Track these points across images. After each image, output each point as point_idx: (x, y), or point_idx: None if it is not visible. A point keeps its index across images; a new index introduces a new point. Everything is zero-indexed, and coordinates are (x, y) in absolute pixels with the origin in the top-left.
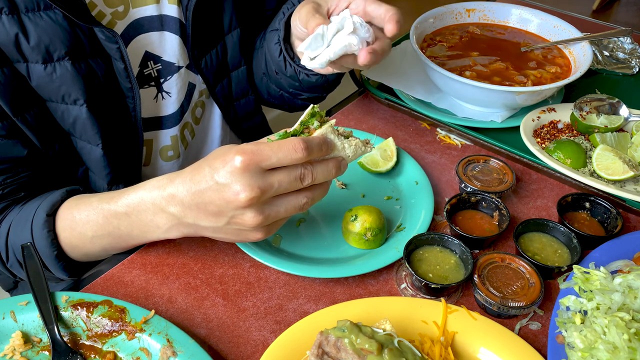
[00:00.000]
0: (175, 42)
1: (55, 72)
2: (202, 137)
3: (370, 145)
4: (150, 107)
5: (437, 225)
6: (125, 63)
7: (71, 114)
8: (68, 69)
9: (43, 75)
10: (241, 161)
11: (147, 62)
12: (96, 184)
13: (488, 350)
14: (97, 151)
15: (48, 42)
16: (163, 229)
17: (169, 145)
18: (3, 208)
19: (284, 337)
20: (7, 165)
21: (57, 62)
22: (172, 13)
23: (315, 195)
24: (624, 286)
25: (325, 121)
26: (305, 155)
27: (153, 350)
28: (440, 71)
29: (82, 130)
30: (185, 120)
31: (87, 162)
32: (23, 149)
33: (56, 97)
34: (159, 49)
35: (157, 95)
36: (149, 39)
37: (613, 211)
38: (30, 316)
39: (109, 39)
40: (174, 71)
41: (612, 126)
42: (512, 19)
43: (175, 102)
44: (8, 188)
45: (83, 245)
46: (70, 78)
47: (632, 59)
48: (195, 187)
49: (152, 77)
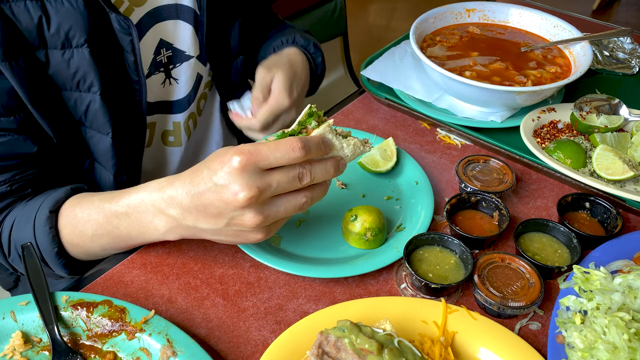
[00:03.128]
0: (188, 32)
1: (72, 58)
2: (203, 129)
3: (369, 144)
4: (158, 92)
5: (437, 225)
6: (135, 56)
7: (84, 102)
8: (85, 56)
9: (60, 61)
10: (239, 161)
11: (161, 49)
12: (101, 176)
13: (488, 350)
14: (106, 140)
15: (68, 29)
16: (161, 231)
17: (171, 131)
18: (9, 204)
19: (284, 337)
20: (16, 162)
21: (76, 48)
22: (187, 3)
23: (315, 194)
24: (624, 286)
25: (323, 121)
26: (303, 154)
27: (153, 350)
28: (440, 71)
29: (93, 119)
30: (191, 110)
31: (95, 153)
32: (33, 146)
33: (70, 85)
34: (172, 37)
35: (165, 80)
36: (165, 27)
37: (613, 211)
38: (30, 316)
39: (123, 30)
40: (184, 59)
41: (612, 126)
42: (512, 19)
43: (184, 88)
44: (16, 184)
45: (83, 244)
46: (87, 65)
47: (632, 59)
48: (194, 190)
49: (162, 64)
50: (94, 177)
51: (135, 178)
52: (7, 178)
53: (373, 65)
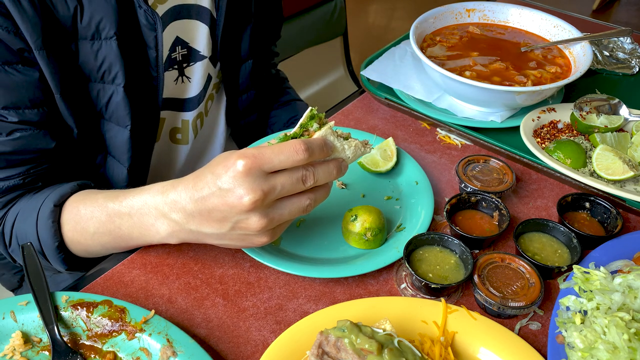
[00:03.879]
0: (205, 32)
1: (100, 49)
2: (209, 130)
3: (369, 145)
4: (170, 88)
5: (437, 225)
6: (157, 52)
7: (107, 94)
8: (113, 49)
9: (89, 52)
10: (243, 165)
11: (176, 46)
12: (114, 170)
13: (488, 350)
14: (124, 133)
15: (99, 20)
16: (163, 234)
17: (179, 128)
18: (18, 196)
19: (284, 337)
20: (33, 156)
21: (104, 40)
22: (205, 4)
23: (318, 196)
24: (624, 286)
25: (324, 123)
26: (307, 156)
27: (153, 350)
28: (440, 71)
29: (114, 111)
30: (200, 109)
31: (110, 146)
32: (51, 142)
33: (95, 76)
34: (189, 36)
35: (178, 78)
36: (182, 26)
37: (613, 211)
38: (30, 316)
39: (150, 25)
40: (197, 59)
41: (612, 126)
42: (512, 19)
43: (196, 86)
44: (29, 178)
45: (84, 241)
46: (114, 57)
47: (632, 59)
48: (198, 194)
49: (177, 61)
50: (105, 172)
51: (144, 173)
52: (21, 171)
53: (373, 65)
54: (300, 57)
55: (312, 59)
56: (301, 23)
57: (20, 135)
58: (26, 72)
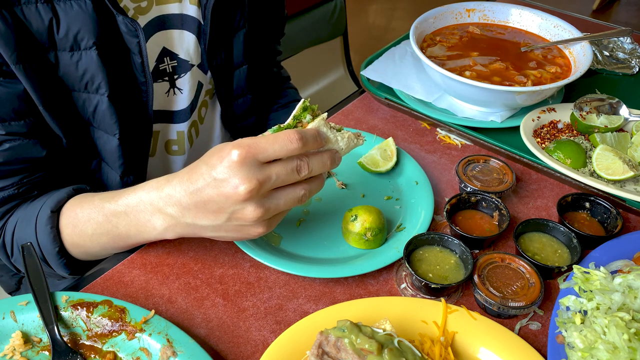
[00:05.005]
0: (192, 41)
1: (81, 60)
2: (205, 137)
3: (361, 137)
4: (161, 100)
5: (437, 225)
6: (142, 58)
7: (92, 103)
8: (93, 59)
9: (69, 63)
10: (238, 155)
11: (164, 57)
12: (108, 176)
13: (488, 350)
14: (113, 141)
15: (76, 31)
16: (159, 229)
17: (174, 140)
18: (14, 206)
19: (284, 337)
20: (25, 165)
21: (84, 50)
22: (191, 13)
23: (312, 187)
24: (624, 286)
25: (317, 115)
26: (301, 145)
27: (153, 350)
28: (440, 71)
29: (101, 120)
30: (193, 118)
31: (102, 153)
32: (42, 150)
33: (79, 86)
34: (176, 47)
35: (169, 90)
36: (169, 36)
37: (613, 211)
38: (30, 316)
39: (130, 32)
40: (187, 69)
41: (612, 126)
42: (512, 19)
43: (187, 98)
44: (23, 187)
45: (83, 243)
46: (95, 67)
47: (632, 59)
48: (193, 186)
49: (167, 73)
50: (100, 177)
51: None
52: (14, 182)
53: (373, 65)
54: (300, 57)
55: (312, 59)
56: (301, 23)
57: (9, 146)
58: (8, 85)
